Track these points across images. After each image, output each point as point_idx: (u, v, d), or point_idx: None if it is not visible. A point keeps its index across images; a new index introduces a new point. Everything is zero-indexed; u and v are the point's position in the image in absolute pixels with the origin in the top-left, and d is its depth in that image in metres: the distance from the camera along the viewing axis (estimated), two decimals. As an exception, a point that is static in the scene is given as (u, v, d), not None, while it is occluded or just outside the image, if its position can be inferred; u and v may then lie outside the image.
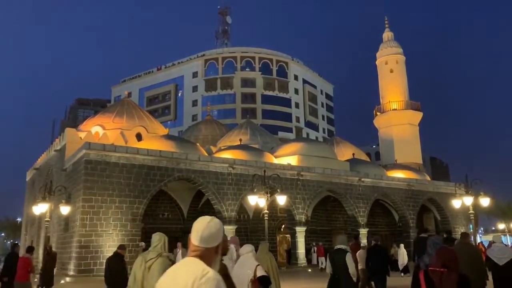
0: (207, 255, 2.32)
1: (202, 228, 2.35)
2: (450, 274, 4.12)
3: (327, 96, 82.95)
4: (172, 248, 20.95)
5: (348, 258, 7.38)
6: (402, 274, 19.34)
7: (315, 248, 28.57)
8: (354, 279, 7.38)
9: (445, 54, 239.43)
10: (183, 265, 2.31)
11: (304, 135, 67.07)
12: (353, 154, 38.12)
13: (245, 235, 28.25)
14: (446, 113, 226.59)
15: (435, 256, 4.75)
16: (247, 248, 5.65)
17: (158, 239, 5.16)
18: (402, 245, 21.99)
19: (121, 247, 9.05)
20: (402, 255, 20.80)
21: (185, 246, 19.48)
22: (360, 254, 11.63)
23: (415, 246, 12.08)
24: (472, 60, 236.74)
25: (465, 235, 8.83)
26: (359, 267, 10.93)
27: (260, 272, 5.19)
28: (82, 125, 33.22)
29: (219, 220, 2.44)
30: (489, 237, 33.85)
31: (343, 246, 7.76)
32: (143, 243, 19.40)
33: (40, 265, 18.35)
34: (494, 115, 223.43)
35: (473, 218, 22.33)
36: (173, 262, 4.80)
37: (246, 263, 5.39)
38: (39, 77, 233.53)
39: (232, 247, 7.25)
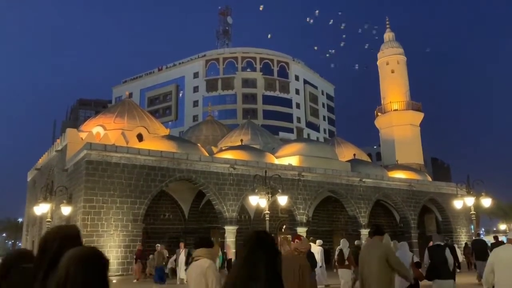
0: None
1: None
2: None
3: (328, 97, 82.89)
4: (174, 248, 20.98)
5: (447, 252, 9.21)
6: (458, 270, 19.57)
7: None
8: (451, 268, 9.33)
9: (447, 54, 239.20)
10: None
11: (305, 136, 67.01)
12: (354, 154, 38.08)
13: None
14: (447, 113, 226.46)
15: None
16: (404, 243, 9.48)
17: (345, 241, 9.10)
18: (456, 245, 22.26)
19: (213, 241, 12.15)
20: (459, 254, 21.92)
21: (187, 246, 19.48)
22: None
23: (473, 246, 16.95)
24: (474, 60, 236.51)
25: None
26: None
27: (415, 259, 8.61)
28: (83, 125, 33.25)
29: None
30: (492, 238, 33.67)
31: (441, 243, 9.89)
32: (158, 245, 20.25)
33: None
34: (495, 115, 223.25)
35: (474, 218, 22.28)
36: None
37: (406, 253, 8.87)
38: (40, 78, 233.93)
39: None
